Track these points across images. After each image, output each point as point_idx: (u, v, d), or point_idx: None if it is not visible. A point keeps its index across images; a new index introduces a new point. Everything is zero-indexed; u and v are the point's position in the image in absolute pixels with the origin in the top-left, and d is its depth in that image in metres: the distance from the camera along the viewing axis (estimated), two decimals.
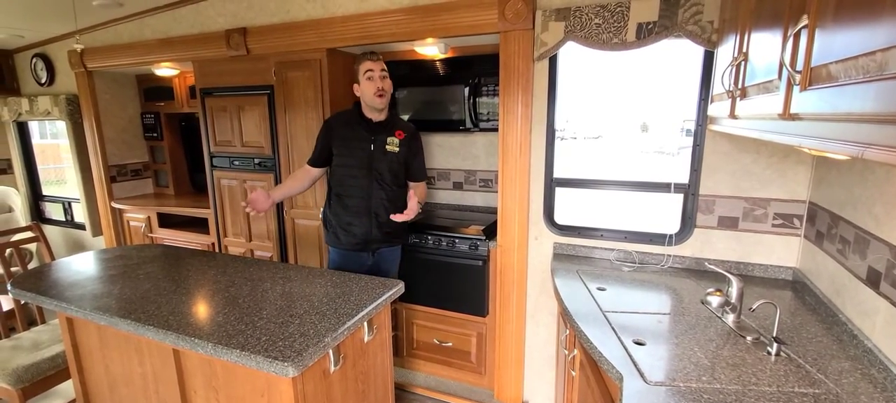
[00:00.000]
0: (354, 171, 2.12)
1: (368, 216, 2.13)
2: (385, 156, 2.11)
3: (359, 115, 2.14)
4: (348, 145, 2.12)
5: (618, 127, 11.14)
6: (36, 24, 3.25)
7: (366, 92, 2.05)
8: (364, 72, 2.04)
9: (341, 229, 2.16)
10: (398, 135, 2.15)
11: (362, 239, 2.14)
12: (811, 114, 0.74)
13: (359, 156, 2.11)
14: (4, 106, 3.93)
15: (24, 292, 1.66)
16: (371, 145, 2.10)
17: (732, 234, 1.90)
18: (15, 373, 1.77)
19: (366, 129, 2.11)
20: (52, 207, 4.22)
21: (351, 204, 2.14)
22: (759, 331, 1.38)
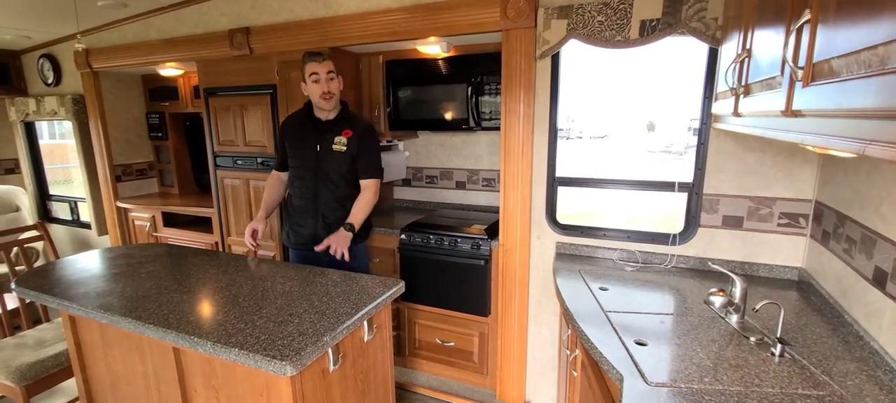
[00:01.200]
0: (302, 172, 2.10)
1: (315, 217, 2.10)
2: (332, 155, 2.05)
3: (309, 115, 2.10)
4: (297, 146, 2.10)
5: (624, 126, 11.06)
6: (42, 24, 3.28)
7: (312, 94, 2.01)
8: (309, 73, 1.99)
9: (292, 229, 2.16)
10: (346, 134, 2.06)
11: (310, 239, 2.09)
12: (813, 110, 0.72)
13: (306, 157, 2.08)
14: (12, 106, 3.97)
15: (28, 290, 1.67)
16: (318, 145, 2.06)
17: (737, 234, 1.88)
18: (18, 371, 1.78)
19: (314, 130, 2.07)
20: (58, 207, 4.25)
21: (299, 204, 2.13)
22: (762, 332, 1.36)
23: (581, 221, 2.18)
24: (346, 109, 2.13)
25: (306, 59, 2.00)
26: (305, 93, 2.06)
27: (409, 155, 3.14)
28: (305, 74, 2.00)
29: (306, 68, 1.99)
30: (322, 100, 1.99)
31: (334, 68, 2.01)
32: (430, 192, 3.14)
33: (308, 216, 2.11)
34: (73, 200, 4.10)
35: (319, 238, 2.04)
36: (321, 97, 1.99)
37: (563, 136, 6.67)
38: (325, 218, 2.09)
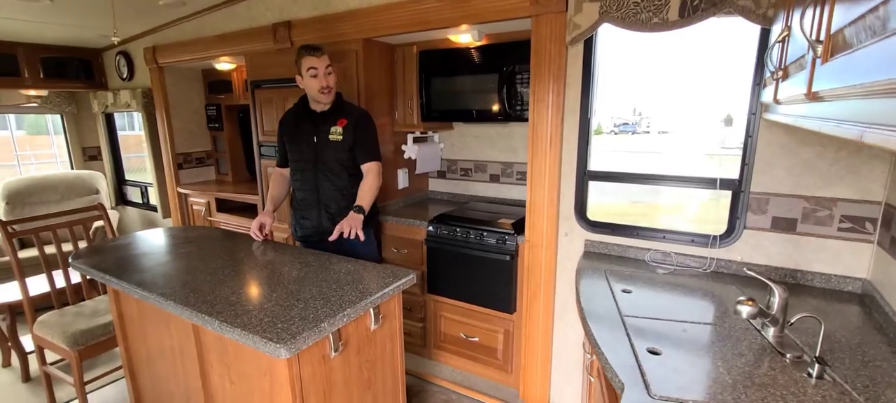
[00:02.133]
0: (302, 165, 2.13)
1: (318, 208, 2.13)
2: (329, 145, 2.07)
3: (304, 108, 2.13)
4: (295, 139, 2.13)
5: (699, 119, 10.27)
6: (118, 24, 3.60)
7: (310, 88, 2.03)
8: (307, 68, 2.00)
9: (298, 221, 2.21)
10: (340, 123, 2.07)
11: (314, 230, 2.14)
12: (831, 91, 0.61)
13: (304, 150, 2.10)
14: (94, 99, 4.41)
15: (82, 265, 1.84)
16: (314, 137, 2.08)
17: (789, 238, 1.68)
18: (73, 337, 1.98)
19: (310, 122, 2.10)
20: (132, 191, 4.68)
21: (302, 197, 2.16)
22: (803, 349, 1.20)
23: (629, 221, 2.04)
24: (340, 99, 2.15)
25: (303, 53, 2.01)
26: (302, 86, 2.08)
27: (445, 147, 3.12)
28: (302, 69, 2.01)
29: (303, 62, 2.00)
30: (320, 95, 2.02)
31: (330, 62, 2.04)
32: (463, 185, 3.10)
33: (312, 208, 2.15)
34: (143, 185, 4.49)
35: (324, 228, 2.09)
36: (320, 91, 2.01)
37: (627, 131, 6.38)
38: (328, 208, 2.13)
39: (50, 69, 4.03)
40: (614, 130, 7.62)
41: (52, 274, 2.27)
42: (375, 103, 2.65)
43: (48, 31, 3.55)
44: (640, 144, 7.62)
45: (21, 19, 3.18)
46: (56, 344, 2.01)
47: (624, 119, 7.86)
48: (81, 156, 4.81)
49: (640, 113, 8.02)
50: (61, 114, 4.65)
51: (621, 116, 7.69)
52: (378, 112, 2.69)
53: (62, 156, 4.96)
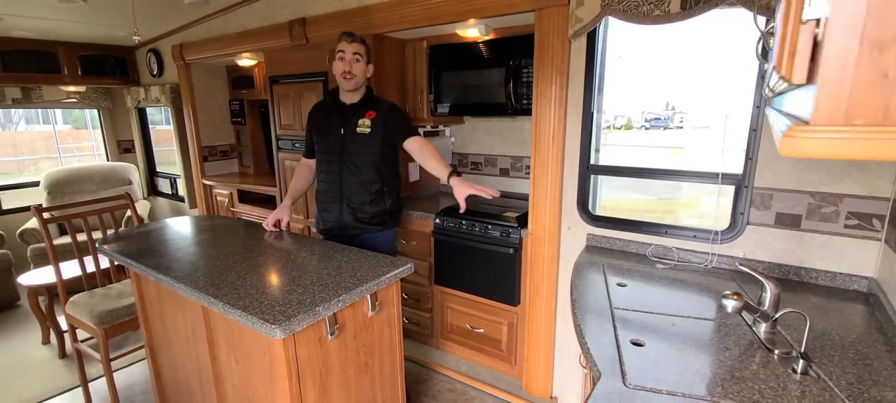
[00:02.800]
0: (327, 157, 2.12)
1: (340, 202, 2.11)
2: (356, 138, 2.05)
3: (334, 101, 2.13)
4: (322, 130, 2.13)
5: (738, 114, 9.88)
6: (147, 23, 3.78)
7: (335, 70, 2.03)
8: (336, 50, 2.00)
9: (320, 213, 2.21)
10: (369, 116, 2.05)
11: (336, 224, 2.14)
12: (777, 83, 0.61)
13: (331, 142, 2.10)
14: (128, 95, 4.65)
15: (108, 250, 1.97)
16: (342, 129, 2.07)
17: (793, 234, 1.64)
18: (100, 316, 2.13)
19: (338, 114, 2.09)
20: (162, 182, 4.92)
21: (325, 188, 2.15)
22: (792, 345, 1.19)
23: (614, 213, 2.04)
24: (369, 93, 2.14)
25: (339, 37, 2.03)
26: (333, 72, 2.08)
27: (455, 141, 3.15)
28: (335, 51, 2.03)
29: (336, 46, 2.03)
30: (342, 79, 2.01)
31: (363, 53, 2.03)
32: (474, 179, 3.10)
33: (334, 201, 2.14)
34: (172, 177, 4.71)
35: (345, 222, 2.11)
36: (342, 76, 2.01)
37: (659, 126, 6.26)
38: (351, 202, 2.11)
39: (87, 66, 4.27)
40: (645, 125, 7.44)
41: (84, 259, 2.44)
42: (386, 98, 2.69)
43: (84, 30, 3.77)
44: (671, 139, 7.37)
45: (60, 19, 3.39)
46: (85, 323, 2.16)
47: (655, 113, 7.65)
48: (116, 148, 5.08)
49: (672, 108, 7.79)
50: (98, 109, 4.92)
51: (653, 111, 7.48)
52: None
53: (99, 149, 5.25)
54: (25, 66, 3.94)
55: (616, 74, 2.98)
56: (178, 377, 1.96)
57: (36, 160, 8.94)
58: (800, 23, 0.36)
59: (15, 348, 3.04)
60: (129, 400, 2.45)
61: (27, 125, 10.60)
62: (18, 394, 2.54)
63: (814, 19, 0.35)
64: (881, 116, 0.32)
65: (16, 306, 3.67)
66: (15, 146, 10.16)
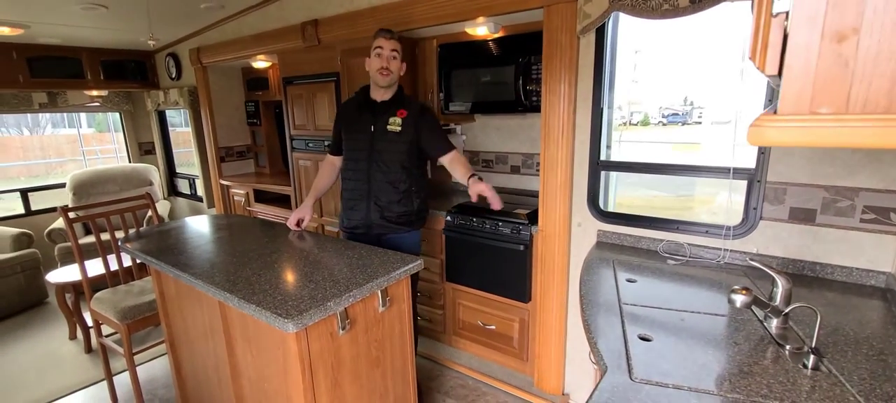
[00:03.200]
0: (356, 154, 2.10)
1: (368, 199, 2.09)
2: (386, 136, 2.04)
3: (365, 98, 2.12)
4: (352, 127, 2.11)
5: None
6: (166, 28, 3.88)
7: (372, 67, 2.02)
8: (374, 46, 2.01)
9: (345, 212, 2.19)
10: (400, 115, 2.05)
11: (362, 223, 2.12)
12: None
13: (360, 139, 2.08)
14: (148, 98, 4.78)
15: (129, 248, 2.04)
16: (372, 127, 2.06)
17: (807, 229, 1.62)
18: (122, 312, 2.20)
19: (369, 111, 2.08)
20: (181, 182, 5.04)
21: (352, 186, 2.13)
22: (804, 341, 1.18)
23: (626, 209, 2.03)
24: (401, 92, 2.14)
25: (376, 34, 2.03)
26: (368, 68, 2.06)
27: (467, 138, 3.17)
28: (372, 49, 2.02)
29: (374, 42, 2.02)
30: (379, 75, 2.00)
31: (400, 50, 2.04)
32: (485, 176, 3.08)
33: (361, 200, 2.11)
34: (191, 177, 4.83)
35: (371, 221, 2.11)
36: (378, 71, 1.99)
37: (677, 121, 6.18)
38: (379, 200, 2.08)
39: (109, 71, 4.41)
40: (663, 121, 7.32)
41: (107, 257, 2.52)
42: None
43: (106, 35, 3.88)
44: (688, 135, 7.23)
45: (83, 26, 3.50)
46: (109, 318, 2.24)
47: (673, 109, 7.53)
48: (138, 150, 5.22)
49: (691, 103, 7.65)
50: (120, 112, 5.07)
51: (671, 106, 7.35)
52: None
53: (121, 151, 5.41)
54: (51, 71, 4.08)
55: (631, 69, 2.96)
56: (197, 371, 2.02)
57: (62, 162, 9.24)
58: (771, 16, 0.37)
59: (44, 343, 3.17)
60: (152, 394, 2.53)
61: (54, 129, 10.96)
62: (47, 387, 2.64)
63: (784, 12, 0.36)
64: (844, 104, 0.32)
65: (44, 303, 3.81)
66: (43, 149, 10.51)
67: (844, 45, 0.31)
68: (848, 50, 0.31)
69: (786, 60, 0.33)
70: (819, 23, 0.31)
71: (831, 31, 0.31)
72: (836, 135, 0.35)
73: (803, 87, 0.33)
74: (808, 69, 0.33)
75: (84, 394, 2.58)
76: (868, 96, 0.32)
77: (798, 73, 0.33)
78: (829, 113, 0.33)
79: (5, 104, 4.18)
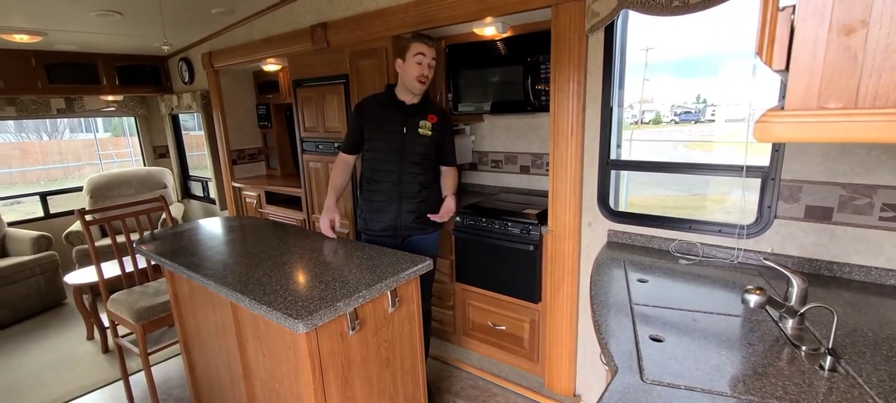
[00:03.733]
0: (387, 155, 2.09)
1: (399, 201, 2.11)
2: (418, 139, 2.07)
3: (392, 98, 2.11)
4: (381, 128, 2.09)
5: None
6: (179, 33, 3.94)
7: (409, 72, 2.01)
8: (415, 53, 2.00)
9: (371, 214, 2.16)
10: (431, 119, 2.10)
11: (391, 224, 2.13)
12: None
13: (391, 140, 2.07)
14: (162, 102, 4.85)
15: (144, 250, 2.08)
16: (404, 128, 2.06)
17: (824, 228, 1.58)
18: (138, 312, 2.24)
19: (399, 112, 2.08)
20: (194, 185, 5.11)
21: (382, 188, 2.12)
22: (821, 342, 1.15)
23: (637, 208, 2.01)
24: (428, 96, 2.20)
25: (416, 39, 2.02)
26: (398, 69, 2.06)
27: (475, 139, 3.16)
28: (410, 53, 2.00)
29: (413, 47, 2.00)
30: (416, 82, 2.01)
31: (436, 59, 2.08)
32: (494, 177, 3.13)
33: (392, 201, 2.12)
34: (204, 180, 4.89)
35: (401, 223, 2.13)
36: (417, 79, 2.01)
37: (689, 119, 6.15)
38: (409, 203, 2.12)
39: (124, 76, 4.49)
40: (675, 119, 7.22)
41: (123, 258, 2.57)
42: None
43: (121, 41, 3.96)
44: (701, 133, 7.12)
45: (99, 32, 3.58)
46: (125, 319, 2.28)
47: (686, 107, 7.42)
48: (152, 154, 5.31)
49: (704, 100, 7.54)
50: (135, 117, 5.15)
51: (684, 104, 7.24)
52: None
53: (137, 155, 5.50)
54: (69, 77, 4.18)
55: (642, 68, 2.92)
56: (210, 371, 2.05)
57: (79, 166, 9.45)
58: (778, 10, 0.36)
59: (62, 343, 3.23)
60: (167, 394, 2.57)
61: (71, 134, 11.22)
62: (66, 387, 2.70)
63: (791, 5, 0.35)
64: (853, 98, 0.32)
65: (63, 304, 3.89)
66: (61, 154, 10.76)
67: (853, 37, 0.30)
68: (856, 43, 0.30)
69: (793, 55, 0.33)
70: (826, 16, 0.31)
71: (839, 23, 0.30)
72: (845, 130, 0.34)
73: (811, 82, 0.32)
74: (815, 63, 0.32)
75: (101, 394, 2.63)
76: (878, 90, 0.31)
77: (805, 68, 0.32)
78: (838, 107, 0.32)
79: (25, 110, 4.29)
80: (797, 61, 0.33)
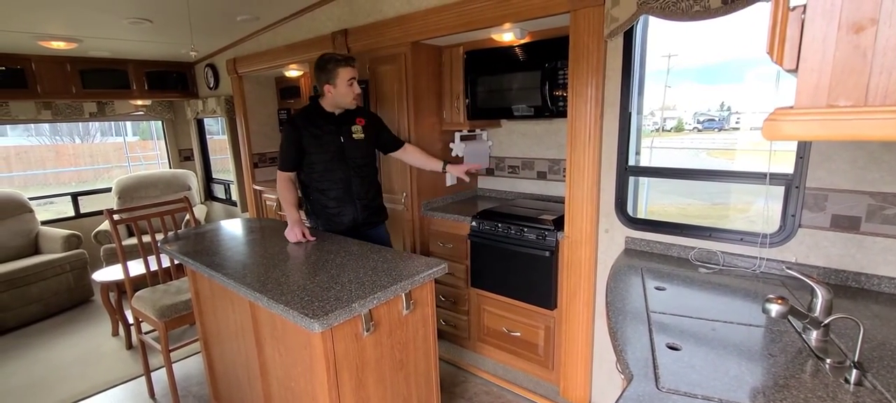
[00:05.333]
0: (331, 165, 2.23)
1: (352, 202, 2.30)
2: (354, 143, 2.26)
3: (321, 112, 2.21)
4: (319, 140, 2.19)
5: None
6: (205, 40, 4.07)
7: (344, 95, 2.15)
8: (347, 78, 2.12)
9: (328, 220, 2.31)
10: (359, 122, 2.29)
11: (350, 224, 2.31)
12: None
13: (331, 151, 2.21)
14: (188, 106, 5.00)
15: (167, 249, 2.14)
16: (340, 137, 2.23)
17: (852, 238, 1.53)
18: (161, 310, 2.31)
19: (332, 123, 2.22)
20: (217, 188, 5.24)
21: (333, 195, 2.27)
22: (846, 355, 1.11)
23: (655, 215, 1.99)
24: None
25: (343, 64, 2.11)
26: (329, 93, 2.14)
27: (493, 144, 3.17)
28: (341, 78, 2.10)
29: (343, 73, 2.11)
30: (354, 102, 2.22)
31: None
32: (511, 182, 3.13)
33: (347, 204, 2.29)
34: (226, 183, 5.01)
35: (360, 220, 2.33)
36: (355, 99, 2.20)
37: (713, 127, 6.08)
38: (361, 199, 2.32)
39: (153, 81, 4.65)
40: (698, 127, 7.08)
41: (148, 257, 2.65)
42: (423, 103, 2.77)
43: (151, 48, 4.10)
44: (725, 141, 6.95)
45: (130, 39, 3.71)
46: (148, 316, 2.35)
47: (709, 114, 7.27)
48: (178, 157, 5.47)
49: (728, 108, 7.38)
50: (162, 121, 5.32)
51: (707, 112, 7.10)
52: (425, 111, 2.81)
53: (163, 158, 5.67)
54: (101, 82, 4.34)
55: (663, 74, 2.88)
56: (228, 369, 2.09)
57: (109, 168, 9.78)
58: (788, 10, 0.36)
59: (88, 339, 3.34)
60: (186, 390, 2.63)
61: (102, 137, 11.64)
62: (91, 381, 2.78)
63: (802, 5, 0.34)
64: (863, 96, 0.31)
65: (90, 301, 4.02)
66: (92, 156, 11.16)
67: (862, 35, 0.30)
68: (866, 41, 0.30)
69: (801, 53, 0.32)
70: (835, 14, 0.30)
71: (848, 21, 0.30)
72: (855, 128, 0.33)
73: (820, 80, 0.32)
74: (824, 61, 0.31)
75: (124, 388, 2.71)
76: (889, 87, 0.30)
77: (814, 66, 0.32)
78: (847, 105, 0.32)
79: (60, 113, 4.47)
80: (806, 60, 0.32)
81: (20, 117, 4.27)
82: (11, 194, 4.12)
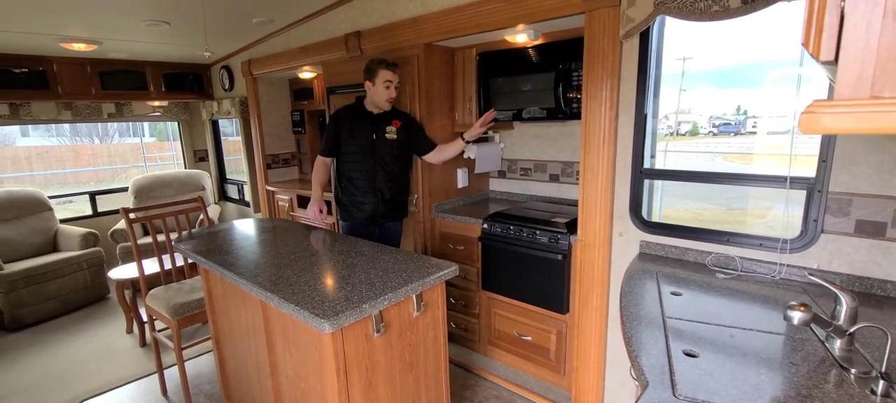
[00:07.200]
0: (361, 157, 2.50)
1: (375, 194, 2.53)
2: (386, 142, 2.50)
3: (362, 109, 2.52)
4: (354, 135, 2.49)
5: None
6: (221, 43, 4.12)
7: (380, 95, 2.43)
8: (384, 80, 2.40)
9: (353, 207, 2.57)
10: (395, 124, 2.52)
11: (371, 213, 2.55)
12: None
13: (363, 145, 2.48)
14: (203, 108, 5.07)
15: (181, 248, 2.16)
16: (373, 134, 2.49)
17: (877, 244, 1.48)
18: (174, 308, 2.33)
19: (368, 121, 2.49)
20: (231, 188, 5.29)
21: (360, 185, 2.53)
22: (872, 365, 1.07)
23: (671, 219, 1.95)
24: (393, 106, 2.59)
25: (383, 66, 2.40)
26: (369, 90, 2.46)
27: (505, 146, 3.15)
28: (379, 79, 2.40)
29: (382, 74, 2.40)
30: (387, 104, 2.46)
31: None
32: (523, 185, 3.10)
33: (369, 194, 2.53)
34: (240, 183, 5.06)
35: (378, 212, 2.56)
36: (387, 101, 2.44)
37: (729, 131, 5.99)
38: (383, 194, 2.54)
39: (170, 83, 4.72)
40: (713, 131, 6.97)
41: (162, 256, 2.68)
42: (435, 105, 2.77)
43: (168, 50, 4.17)
44: (741, 146, 6.83)
45: (148, 42, 3.78)
46: (161, 314, 2.37)
47: (725, 118, 7.16)
48: (193, 157, 5.54)
49: (745, 112, 7.25)
50: (178, 122, 5.40)
51: (723, 115, 7.00)
52: (438, 113, 2.80)
53: (178, 158, 5.75)
54: (119, 83, 4.42)
55: (679, 77, 2.84)
56: (239, 368, 2.10)
57: (126, 168, 9.96)
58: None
59: (103, 336, 3.39)
60: (198, 388, 2.65)
61: (120, 138, 11.88)
62: (105, 377, 2.82)
63: None
64: None
65: (106, 298, 4.09)
66: (110, 156, 11.39)
67: None
68: None
69: (842, 42, 0.30)
70: (881, 1, 0.28)
71: (895, 7, 0.28)
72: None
73: (863, 70, 0.30)
74: (868, 50, 0.29)
75: (137, 385, 2.74)
76: None
77: (857, 55, 0.30)
78: (894, 96, 0.30)
79: (79, 114, 4.56)
80: (848, 49, 0.31)
81: (41, 117, 4.37)
82: (32, 193, 4.21)
